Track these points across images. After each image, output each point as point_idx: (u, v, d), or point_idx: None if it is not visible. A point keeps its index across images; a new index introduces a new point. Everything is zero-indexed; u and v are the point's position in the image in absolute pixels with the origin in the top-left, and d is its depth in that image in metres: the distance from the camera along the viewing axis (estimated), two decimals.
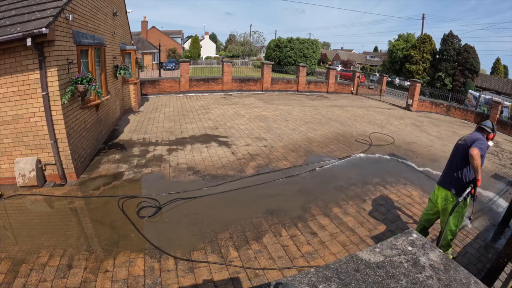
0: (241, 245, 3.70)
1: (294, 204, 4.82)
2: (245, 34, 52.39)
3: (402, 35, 38.70)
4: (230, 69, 15.68)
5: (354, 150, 7.67)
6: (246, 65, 35.99)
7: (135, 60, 10.62)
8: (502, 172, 7.50)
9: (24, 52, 4.24)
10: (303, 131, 9.15)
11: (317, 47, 36.65)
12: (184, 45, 56.88)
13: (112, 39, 8.25)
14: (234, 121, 9.68)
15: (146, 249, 3.52)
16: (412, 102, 15.47)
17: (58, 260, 3.23)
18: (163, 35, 47.26)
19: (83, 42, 5.54)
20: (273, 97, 15.27)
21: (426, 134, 10.38)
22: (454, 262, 1.33)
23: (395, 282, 1.18)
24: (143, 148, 6.86)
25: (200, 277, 3.13)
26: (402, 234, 1.57)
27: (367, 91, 19.73)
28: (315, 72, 34.42)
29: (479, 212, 5.24)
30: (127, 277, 3.07)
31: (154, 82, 14.19)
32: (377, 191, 5.53)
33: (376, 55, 63.07)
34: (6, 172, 4.72)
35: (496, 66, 39.36)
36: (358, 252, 1.38)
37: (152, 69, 31.60)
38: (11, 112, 4.47)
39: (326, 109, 13.07)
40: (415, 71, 33.81)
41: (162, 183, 5.27)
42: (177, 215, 4.29)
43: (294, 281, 1.16)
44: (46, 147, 4.71)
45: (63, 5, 4.58)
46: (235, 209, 4.60)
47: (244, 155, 6.80)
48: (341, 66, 46.96)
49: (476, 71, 31.04)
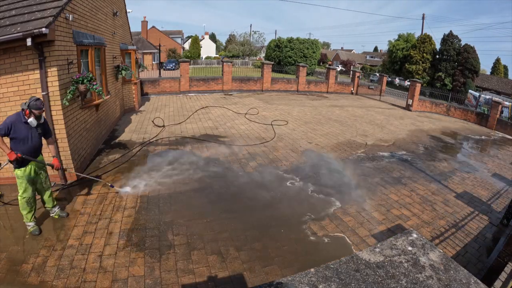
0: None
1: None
2: (245, 34, 52.32)
3: (402, 35, 38.67)
4: (230, 69, 15.68)
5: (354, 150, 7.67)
6: (246, 65, 35.95)
7: (135, 60, 10.62)
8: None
9: (24, 52, 4.24)
10: (303, 131, 9.15)
11: (317, 47, 36.60)
12: (184, 45, 56.83)
13: (112, 39, 8.24)
14: (234, 121, 9.68)
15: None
16: (412, 102, 15.46)
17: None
18: (163, 35, 47.22)
19: (83, 42, 5.54)
20: (273, 97, 15.27)
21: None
22: (454, 262, 1.33)
23: (395, 282, 1.18)
24: (143, 148, 6.86)
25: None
26: (402, 234, 1.57)
27: (367, 91, 19.73)
28: (315, 72, 34.39)
29: (479, 211, 5.25)
30: (128, 277, 3.07)
31: (154, 82, 14.19)
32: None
33: (376, 55, 63.03)
34: (6, 172, 4.72)
35: (496, 66, 39.30)
36: (358, 252, 1.38)
37: (152, 69, 31.57)
38: (11, 112, 4.45)
39: (326, 109, 13.07)
40: (415, 71, 33.78)
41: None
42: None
43: (294, 281, 1.16)
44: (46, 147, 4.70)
45: (63, 5, 4.57)
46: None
47: (244, 155, 6.80)
48: (341, 66, 46.93)
49: (476, 71, 31.01)
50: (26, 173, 3.57)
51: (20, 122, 3.49)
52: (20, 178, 3.57)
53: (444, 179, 6.52)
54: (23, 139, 3.49)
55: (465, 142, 10.56)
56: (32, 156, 3.58)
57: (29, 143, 3.55)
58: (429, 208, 5.14)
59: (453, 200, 5.56)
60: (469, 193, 5.96)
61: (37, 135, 3.65)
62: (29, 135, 3.54)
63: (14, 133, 3.44)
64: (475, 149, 9.91)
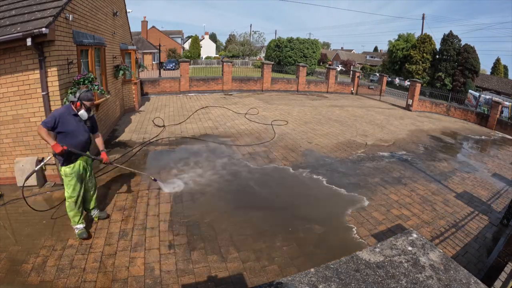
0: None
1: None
2: (245, 34, 52.30)
3: (402, 35, 38.65)
4: (230, 69, 15.67)
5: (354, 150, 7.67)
6: (246, 65, 35.93)
7: (135, 60, 10.62)
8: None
9: (24, 52, 4.23)
10: (303, 131, 9.15)
11: (317, 47, 36.60)
12: (184, 45, 56.81)
13: (112, 39, 8.24)
14: (234, 121, 9.68)
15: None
16: (412, 102, 15.47)
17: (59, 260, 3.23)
18: (163, 35, 47.21)
19: (83, 42, 5.54)
20: (273, 97, 15.27)
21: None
22: (454, 262, 1.33)
23: (395, 282, 1.18)
24: (143, 148, 6.86)
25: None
26: (402, 234, 1.57)
27: (367, 91, 19.73)
28: (315, 72, 34.38)
29: (479, 211, 5.25)
30: (127, 278, 3.07)
31: (154, 82, 14.19)
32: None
33: (376, 55, 63.00)
34: (6, 172, 4.72)
35: (496, 66, 39.29)
36: (358, 252, 1.38)
37: (152, 69, 31.56)
38: (11, 112, 4.47)
39: (326, 109, 13.07)
40: (415, 71, 33.77)
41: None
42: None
43: (294, 281, 1.16)
44: (46, 147, 4.70)
45: (63, 5, 4.58)
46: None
47: (244, 154, 6.80)
48: (341, 66, 46.92)
49: (476, 71, 31.00)
50: (75, 169, 3.33)
51: (69, 115, 3.28)
52: (69, 176, 3.33)
53: (444, 179, 6.52)
54: (71, 133, 3.27)
55: (465, 142, 10.56)
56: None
57: (79, 137, 3.33)
58: (429, 208, 5.13)
59: (453, 200, 5.57)
60: (469, 193, 5.96)
61: (87, 129, 3.46)
62: (78, 129, 3.32)
63: (62, 127, 3.21)
64: (475, 149, 9.91)
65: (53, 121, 3.18)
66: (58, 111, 3.29)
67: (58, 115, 3.22)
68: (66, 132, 3.26)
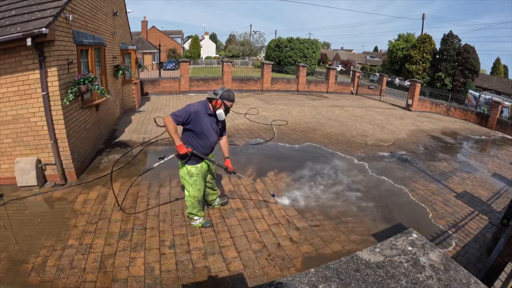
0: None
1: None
2: (245, 34, 52.32)
3: (402, 35, 38.69)
4: (230, 69, 15.68)
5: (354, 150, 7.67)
6: (246, 65, 35.93)
7: (135, 60, 10.62)
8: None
9: (24, 52, 4.23)
10: (303, 131, 9.15)
11: (317, 47, 36.60)
12: (184, 45, 56.84)
13: (112, 39, 8.24)
14: (234, 121, 9.68)
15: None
16: (412, 102, 15.46)
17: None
18: (163, 35, 47.23)
19: (83, 42, 5.54)
20: (273, 97, 15.27)
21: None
22: (454, 262, 1.34)
23: (395, 282, 1.18)
24: (143, 148, 6.86)
25: None
26: (402, 234, 1.58)
27: (367, 91, 19.73)
28: (315, 72, 34.37)
29: (479, 211, 5.25)
30: (127, 278, 3.07)
31: (154, 82, 14.19)
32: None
33: (376, 55, 63.04)
34: (6, 172, 4.71)
35: (496, 66, 39.33)
36: (358, 252, 1.38)
37: (152, 69, 31.57)
38: (11, 112, 4.47)
39: (326, 109, 13.07)
40: (415, 71, 33.79)
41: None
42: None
43: (294, 281, 1.16)
44: (46, 147, 4.70)
45: (63, 5, 4.57)
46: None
47: (244, 154, 6.80)
48: (341, 66, 46.93)
49: (476, 71, 31.02)
50: (201, 170, 3.11)
51: (204, 113, 3.01)
52: (195, 176, 3.13)
53: (444, 179, 6.52)
54: (202, 133, 3.01)
55: (465, 142, 10.56)
56: (207, 155, 3.14)
57: (209, 139, 3.07)
58: (429, 208, 5.13)
59: (453, 200, 5.56)
60: (469, 193, 5.96)
61: (218, 131, 3.21)
62: (209, 130, 3.06)
63: (193, 124, 2.95)
64: (475, 149, 9.91)
65: (187, 116, 2.91)
66: (194, 106, 3.00)
67: (193, 111, 2.94)
68: (196, 131, 3.01)
